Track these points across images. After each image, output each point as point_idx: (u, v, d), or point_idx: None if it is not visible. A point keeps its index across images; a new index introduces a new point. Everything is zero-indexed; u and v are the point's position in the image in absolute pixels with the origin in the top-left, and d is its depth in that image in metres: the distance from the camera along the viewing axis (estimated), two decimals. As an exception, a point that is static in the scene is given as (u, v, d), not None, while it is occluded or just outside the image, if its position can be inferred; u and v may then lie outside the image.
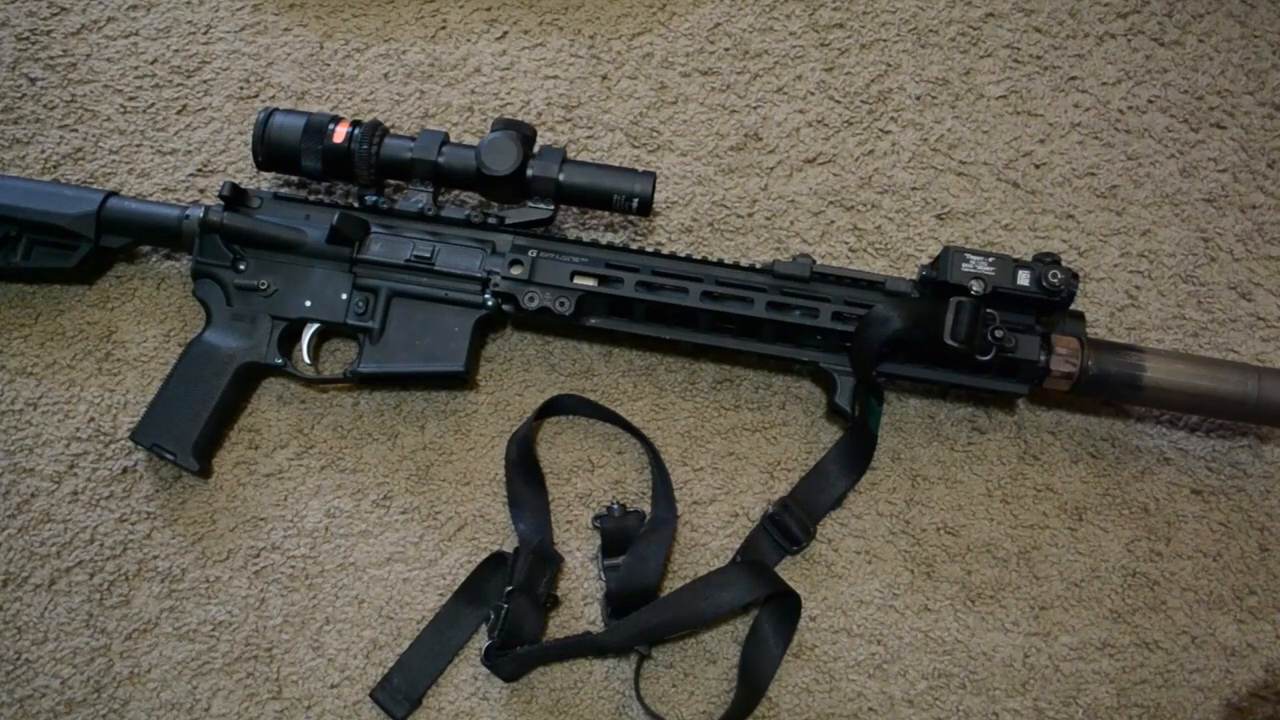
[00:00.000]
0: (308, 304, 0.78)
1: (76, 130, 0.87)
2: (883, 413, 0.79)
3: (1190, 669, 0.76)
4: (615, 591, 0.74)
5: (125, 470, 0.79)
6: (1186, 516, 0.80)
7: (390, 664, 0.75)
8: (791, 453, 0.80)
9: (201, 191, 0.86)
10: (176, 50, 0.90)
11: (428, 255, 0.77)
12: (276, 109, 0.78)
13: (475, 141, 0.78)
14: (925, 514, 0.79)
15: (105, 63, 0.89)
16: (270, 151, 0.78)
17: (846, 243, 0.86)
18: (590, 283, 0.77)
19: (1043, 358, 0.74)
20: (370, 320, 0.78)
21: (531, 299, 0.76)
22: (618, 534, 0.75)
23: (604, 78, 0.90)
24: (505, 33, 0.91)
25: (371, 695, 0.74)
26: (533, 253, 0.77)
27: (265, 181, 0.86)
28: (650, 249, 0.78)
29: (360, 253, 0.78)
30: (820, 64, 0.91)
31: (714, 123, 0.89)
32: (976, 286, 0.73)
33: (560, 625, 0.76)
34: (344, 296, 0.78)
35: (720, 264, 0.78)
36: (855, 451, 0.78)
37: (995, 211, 0.87)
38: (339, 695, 0.75)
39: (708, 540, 0.78)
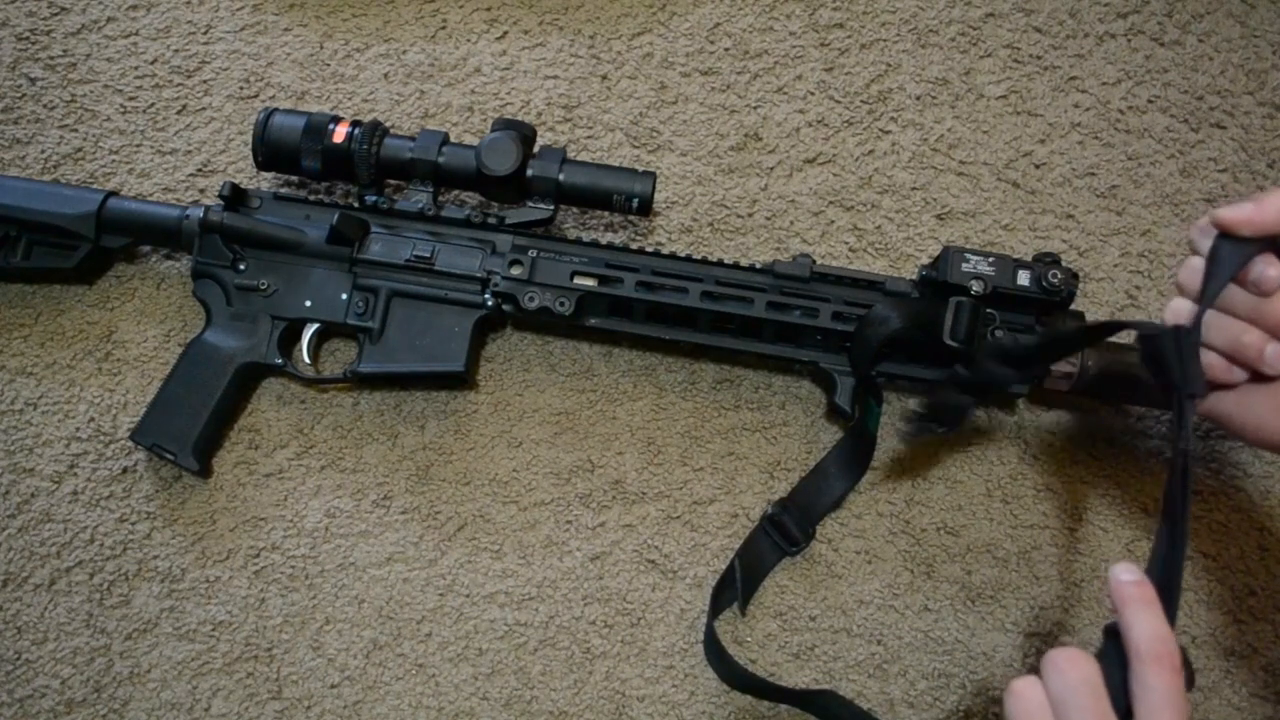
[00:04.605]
0: (308, 304, 0.78)
1: (76, 130, 0.87)
2: (882, 413, 0.79)
3: (1195, 669, 0.76)
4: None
5: (125, 470, 0.79)
6: (1186, 516, 0.80)
7: (389, 664, 0.75)
8: (791, 453, 0.80)
9: (201, 191, 0.86)
10: (176, 50, 0.90)
11: (428, 255, 0.77)
12: (276, 109, 0.78)
13: (475, 141, 0.78)
14: (925, 514, 0.79)
15: (105, 63, 0.89)
16: (270, 151, 0.78)
17: (846, 243, 0.86)
18: (590, 283, 0.77)
19: (1043, 358, 0.74)
20: (370, 320, 0.78)
21: (531, 299, 0.76)
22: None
23: (604, 78, 0.90)
24: (505, 33, 0.91)
25: None
26: (533, 253, 0.77)
27: (265, 181, 0.86)
28: (650, 249, 0.78)
29: (360, 253, 0.78)
30: (820, 64, 0.91)
31: (714, 123, 0.89)
32: (976, 286, 0.73)
33: (558, 626, 0.76)
34: (344, 296, 0.78)
35: (720, 264, 0.78)
36: (855, 453, 0.78)
37: (995, 211, 0.87)
38: (339, 695, 0.75)
39: (708, 540, 0.78)
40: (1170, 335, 0.55)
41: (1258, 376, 0.57)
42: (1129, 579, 0.48)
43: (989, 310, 0.73)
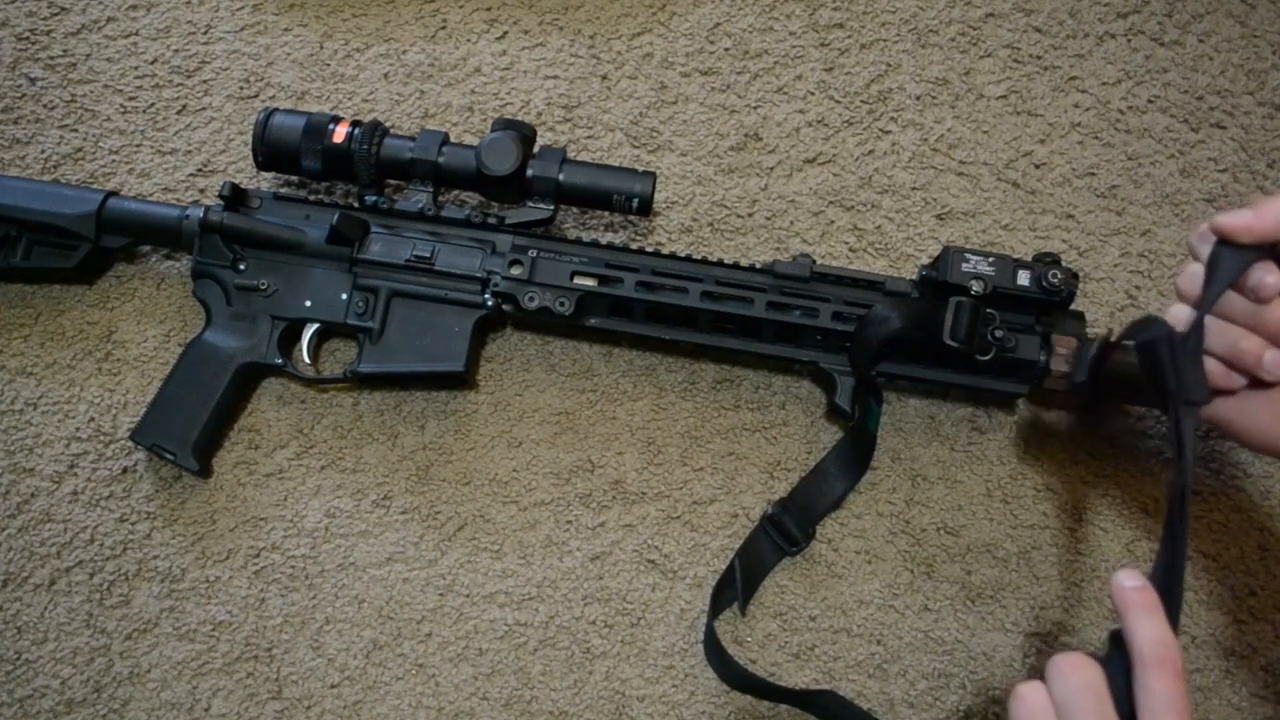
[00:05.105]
0: (308, 304, 0.78)
1: (76, 130, 0.87)
2: (882, 414, 0.79)
3: (1190, 669, 0.76)
4: None
5: (125, 470, 0.79)
6: (1186, 516, 0.80)
7: (389, 664, 0.75)
8: (791, 453, 0.80)
9: (201, 191, 0.86)
10: (176, 50, 0.90)
11: (428, 255, 0.77)
12: (276, 109, 0.78)
13: (475, 141, 0.78)
14: (925, 514, 0.79)
15: (105, 63, 0.89)
16: (270, 151, 0.78)
17: (846, 243, 0.86)
18: (590, 283, 0.77)
19: (1043, 358, 0.74)
20: (370, 320, 0.78)
21: (531, 299, 0.76)
22: None
23: (604, 78, 0.90)
24: (505, 33, 0.91)
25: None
26: (533, 253, 0.77)
27: (265, 181, 0.86)
28: (650, 249, 0.78)
29: (360, 253, 0.78)
30: (820, 64, 0.91)
31: (714, 123, 0.89)
32: (976, 286, 0.73)
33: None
34: (344, 296, 0.78)
35: (720, 264, 0.78)
36: (854, 453, 0.78)
37: (995, 211, 0.87)
38: (339, 695, 0.75)
39: (708, 540, 0.78)
40: (1165, 342, 0.55)
41: (1257, 383, 0.57)
42: (1132, 585, 0.49)
43: (989, 310, 0.73)
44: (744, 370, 0.82)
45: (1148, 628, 0.47)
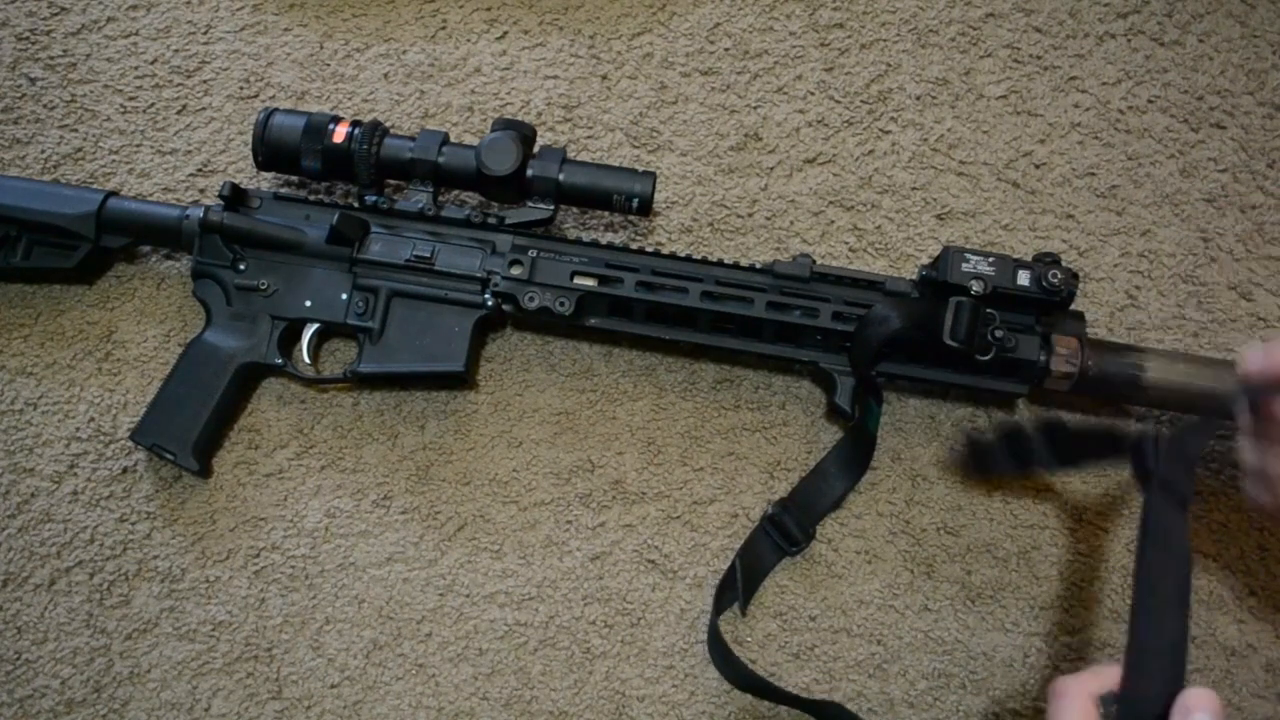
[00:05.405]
0: (308, 304, 0.78)
1: (76, 130, 0.87)
2: (882, 414, 0.79)
3: (1190, 669, 0.76)
4: None
5: (125, 470, 0.79)
6: (1186, 516, 0.80)
7: (389, 664, 0.75)
8: (791, 453, 0.80)
9: (201, 191, 0.86)
10: (176, 50, 0.90)
11: (428, 255, 0.77)
12: (276, 109, 0.78)
13: (475, 141, 0.78)
14: (925, 514, 0.79)
15: (105, 63, 0.90)
16: (270, 151, 0.78)
17: (846, 243, 0.86)
18: (590, 283, 0.77)
19: (1043, 358, 0.74)
20: (370, 320, 0.78)
21: (531, 299, 0.76)
22: None
23: (604, 78, 0.90)
24: (505, 33, 0.91)
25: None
26: (533, 253, 0.77)
27: (265, 181, 0.86)
28: (650, 249, 0.78)
29: (360, 253, 0.78)
30: (820, 64, 0.91)
31: (714, 123, 0.89)
32: (976, 286, 0.73)
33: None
34: (344, 296, 0.78)
35: (720, 264, 0.78)
36: (854, 453, 0.78)
37: (995, 211, 0.87)
38: (339, 695, 0.75)
39: (708, 540, 0.78)
40: (1150, 442, 0.61)
41: None
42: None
43: (989, 310, 0.73)
44: (744, 370, 0.82)
45: None
